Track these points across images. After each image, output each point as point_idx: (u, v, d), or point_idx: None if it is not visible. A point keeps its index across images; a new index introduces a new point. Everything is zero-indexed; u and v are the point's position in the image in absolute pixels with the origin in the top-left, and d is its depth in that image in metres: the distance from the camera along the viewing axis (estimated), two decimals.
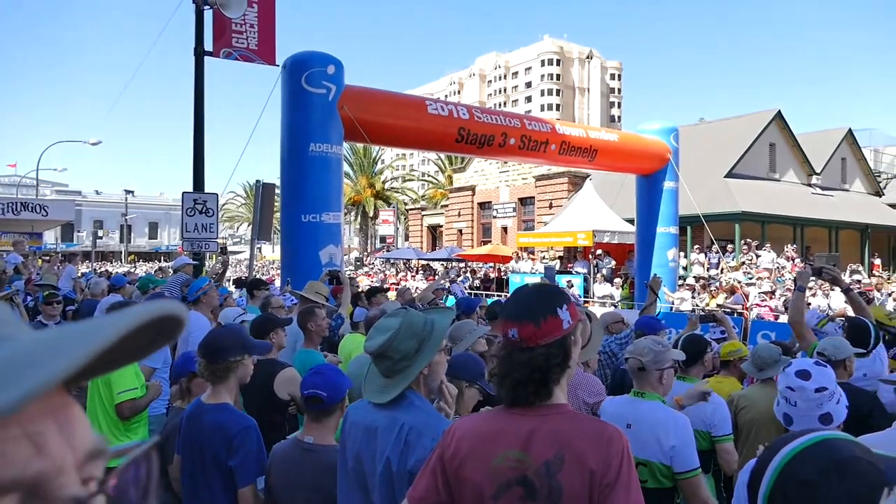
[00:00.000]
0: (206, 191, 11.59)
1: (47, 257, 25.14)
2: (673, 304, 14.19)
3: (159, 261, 36.31)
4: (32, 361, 0.44)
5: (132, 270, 35.47)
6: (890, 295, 13.67)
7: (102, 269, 32.28)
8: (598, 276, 18.37)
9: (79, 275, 13.17)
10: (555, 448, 1.70)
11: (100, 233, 50.18)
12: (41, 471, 0.47)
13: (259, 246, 12.80)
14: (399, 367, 2.23)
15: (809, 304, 12.10)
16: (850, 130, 28.48)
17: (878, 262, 23.02)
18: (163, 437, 3.47)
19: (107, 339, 0.47)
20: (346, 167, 42.37)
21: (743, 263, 17.00)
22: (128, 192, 57.02)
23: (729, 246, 19.50)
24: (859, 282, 14.53)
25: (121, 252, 56.86)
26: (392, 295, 10.59)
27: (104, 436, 0.54)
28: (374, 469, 2.17)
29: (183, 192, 11.24)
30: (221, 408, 3.00)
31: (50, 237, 39.62)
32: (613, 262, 19.50)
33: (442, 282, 11.66)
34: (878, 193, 29.46)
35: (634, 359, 3.23)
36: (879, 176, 30.29)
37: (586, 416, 1.90)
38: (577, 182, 26.74)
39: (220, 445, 2.89)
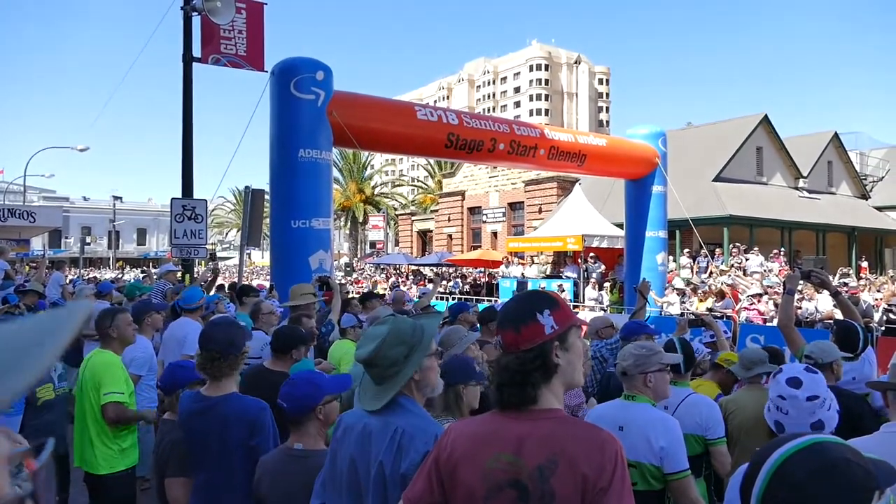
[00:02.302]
0: (194, 197, 11.56)
1: (34, 264, 24.94)
2: (662, 308, 14.24)
3: (148, 267, 36.05)
4: None
5: (119, 277, 35.23)
6: (874, 305, 13.71)
7: (90, 276, 32.04)
8: (592, 280, 18.41)
9: (66, 281, 13.07)
10: (548, 452, 1.70)
11: (88, 239, 49.81)
12: None
13: (248, 252, 12.75)
14: (389, 373, 2.25)
15: (799, 307, 12.17)
16: (836, 134, 28.72)
17: (864, 264, 23.19)
18: (161, 454, 3.44)
19: (42, 366, 0.50)
20: (335, 172, 42.41)
21: (732, 266, 17.09)
22: (116, 198, 56.80)
23: (717, 250, 19.59)
24: (846, 284, 14.64)
25: (109, 258, 56.44)
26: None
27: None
28: (368, 474, 2.18)
29: (172, 199, 11.21)
30: (236, 396, 3.20)
31: (37, 243, 39.28)
32: (603, 267, 19.55)
33: (432, 287, 11.67)
34: (865, 196, 29.71)
35: (619, 364, 3.28)
36: (865, 179, 30.52)
37: (580, 421, 1.92)
38: (566, 187, 26.81)
39: (244, 429, 3.07)
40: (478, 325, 5.77)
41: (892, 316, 12.36)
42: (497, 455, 1.75)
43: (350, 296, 10.04)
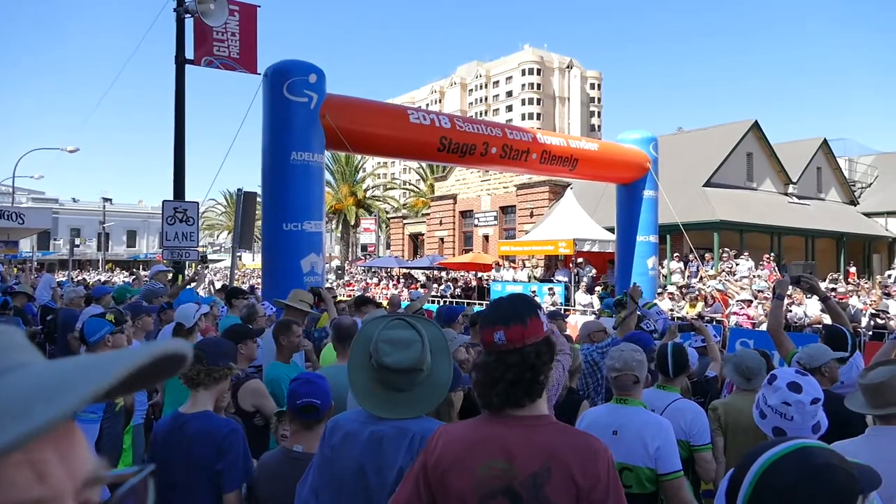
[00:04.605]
0: (186, 199, 11.52)
1: (21, 265, 24.77)
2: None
3: (137, 269, 35.82)
4: (40, 395, 0.46)
5: (110, 279, 35.04)
6: (861, 309, 13.80)
7: (79, 278, 31.85)
8: (583, 284, 18.46)
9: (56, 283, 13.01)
10: (541, 460, 1.71)
11: (77, 241, 49.51)
12: (39, 498, 0.48)
13: (240, 254, 12.70)
14: (421, 377, 2.23)
15: (789, 311, 12.25)
16: (825, 140, 28.92)
17: (853, 269, 23.34)
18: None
19: (108, 379, 0.49)
20: (327, 175, 42.29)
21: (722, 272, 17.18)
22: (105, 199, 56.39)
23: (707, 254, 19.69)
24: (834, 289, 14.73)
25: (98, 260, 56.11)
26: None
27: (103, 460, 0.57)
28: (383, 480, 2.14)
29: (163, 201, 11.17)
30: (206, 415, 2.95)
31: (26, 245, 39.00)
32: (594, 271, 19.60)
33: (423, 291, 11.67)
34: (853, 202, 29.91)
35: (627, 374, 3.25)
36: (854, 185, 30.73)
37: (571, 429, 1.91)
38: (557, 191, 26.88)
39: (209, 450, 2.83)
40: (468, 329, 5.77)
41: (879, 321, 12.45)
42: (489, 462, 1.74)
43: (338, 299, 10.02)
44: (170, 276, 11.06)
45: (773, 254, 19.82)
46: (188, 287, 8.62)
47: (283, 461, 2.79)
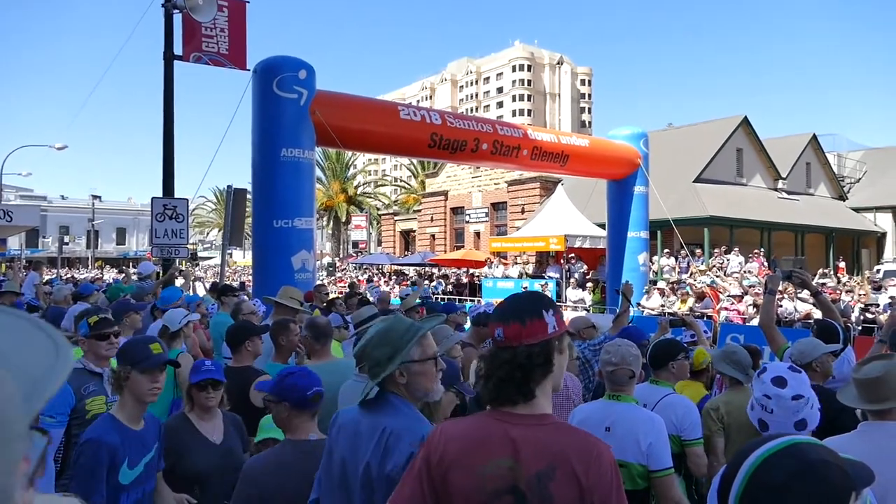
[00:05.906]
0: (176, 196, 11.44)
1: (10, 264, 24.56)
2: (644, 309, 14.32)
3: (126, 266, 35.59)
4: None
5: (99, 277, 34.81)
6: (851, 305, 13.87)
7: (68, 276, 31.62)
8: (571, 280, 18.48)
9: (43, 281, 12.91)
10: (546, 460, 1.69)
11: (66, 238, 49.18)
12: None
13: (230, 252, 12.65)
14: (374, 372, 2.26)
15: (780, 305, 12.30)
16: (814, 136, 29.08)
17: (842, 265, 23.49)
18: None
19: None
20: (318, 172, 42.18)
21: (712, 267, 17.23)
22: (95, 197, 56.07)
23: (698, 250, 19.75)
24: (824, 285, 14.81)
25: (87, 258, 55.72)
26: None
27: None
28: (357, 474, 2.18)
29: (153, 198, 11.10)
30: (103, 416, 2.95)
31: (14, 243, 38.66)
32: (585, 267, 19.63)
33: (426, 286, 11.63)
34: (842, 197, 30.08)
35: (624, 369, 3.24)
36: (843, 180, 30.91)
37: (574, 429, 1.89)
38: (548, 187, 26.88)
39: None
40: (465, 327, 5.75)
41: (868, 315, 12.52)
42: (495, 461, 1.72)
43: (331, 296, 9.99)
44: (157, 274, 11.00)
45: (762, 249, 19.90)
46: (173, 285, 8.55)
47: (292, 454, 2.71)
